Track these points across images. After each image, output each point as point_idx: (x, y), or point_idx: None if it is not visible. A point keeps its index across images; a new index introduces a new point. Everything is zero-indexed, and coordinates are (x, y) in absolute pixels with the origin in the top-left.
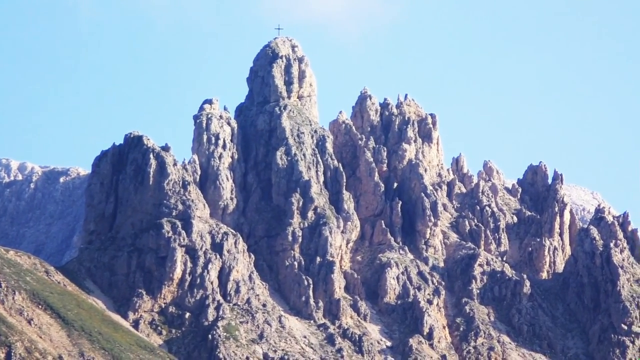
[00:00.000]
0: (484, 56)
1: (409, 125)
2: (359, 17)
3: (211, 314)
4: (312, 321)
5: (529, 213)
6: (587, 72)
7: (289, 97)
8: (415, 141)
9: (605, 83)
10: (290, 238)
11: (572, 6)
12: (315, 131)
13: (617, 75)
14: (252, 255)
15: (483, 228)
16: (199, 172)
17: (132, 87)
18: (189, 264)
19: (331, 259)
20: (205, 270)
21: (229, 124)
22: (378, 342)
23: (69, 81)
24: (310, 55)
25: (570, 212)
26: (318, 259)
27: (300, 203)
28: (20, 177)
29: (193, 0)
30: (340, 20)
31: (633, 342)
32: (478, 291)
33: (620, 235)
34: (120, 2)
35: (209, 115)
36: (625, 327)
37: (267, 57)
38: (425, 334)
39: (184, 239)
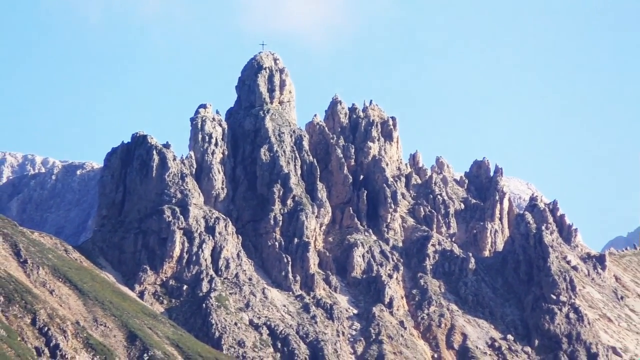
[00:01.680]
0: (436, 65)
1: (373, 127)
2: (326, 30)
3: (205, 286)
4: (290, 292)
5: (474, 201)
6: (521, 78)
7: (271, 103)
8: (378, 140)
9: (536, 87)
10: (272, 222)
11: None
12: (294, 131)
13: (547, 80)
14: (240, 237)
15: (435, 214)
16: (195, 166)
17: (138, 94)
18: (186, 244)
19: (307, 239)
20: (200, 249)
21: (220, 125)
22: (346, 310)
23: (86, 89)
24: (287, 64)
25: (509, 200)
26: (296, 239)
27: (281, 192)
28: (43, 170)
29: (183, 13)
30: (311, 32)
31: (560, 310)
32: (431, 267)
33: (551, 219)
34: (123, 18)
35: (204, 118)
36: (554, 297)
37: (253, 69)
38: (386, 303)
39: (182, 223)
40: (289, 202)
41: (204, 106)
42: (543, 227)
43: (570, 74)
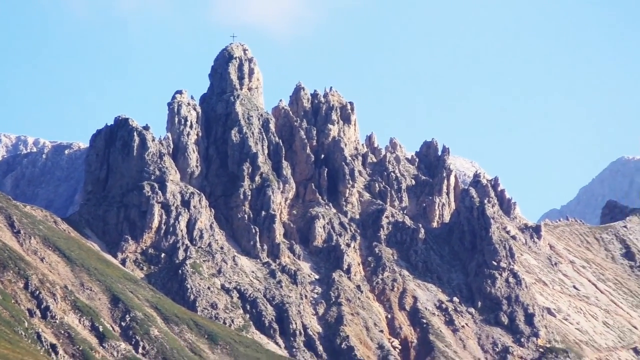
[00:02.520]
0: (391, 53)
1: (333, 111)
2: (290, 21)
3: (181, 254)
4: (258, 260)
5: (424, 177)
6: (465, 66)
7: (241, 89)
8: (337, 123)
9: (480, 75)
10: (242, 197)
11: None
12: (261, 115)
13: (488, 68)
14: (213, 210)
15: (389, 189)
16: (172, 146)
17: (120, 82)
18: (164, 216)
19: (273, 212)
20: (177, 221)
21: (194, 109)
22: (309, 276)
23: (75, 77)
24: (255, 54)
25: (455, 176)
26: (263, 212)
27: (250, 170)
28: (34, 150)
29: (160, 7)
30: (275, 23)
31: (501, 275)
32: (385, 237)
33: (492, 194)
34: (105, 12)
35: (180, 103)
36: (495, 263)
37: (224, 58)
38: (344, 269)
39: (160, 197)
40: (257, 178)
41: (180, 92)
42: (485, 201)
43: (509, 61)
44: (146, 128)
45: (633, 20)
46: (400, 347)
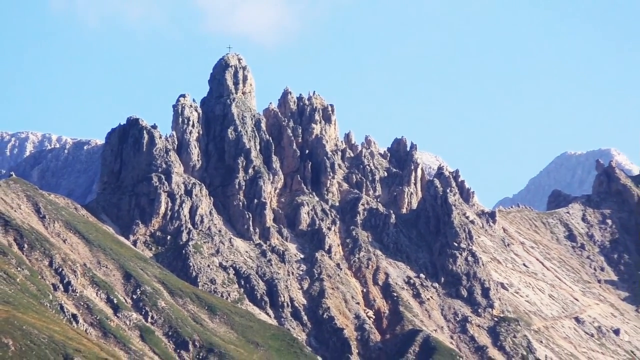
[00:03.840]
0: (367, 60)
1: (316, 112)
2: (275, 32)
3: (184, 236)
4: (251, 241)
5: (395, 170)
6: (432, 70)
7: (236, 93)
8: (320, 122)
9: (444, 78)
10: (237, 186)
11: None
12: (254, 116)
13: (455, 71)
14: (212, 198)
15: (364, 180)
16: (176, 143)
17: (132, 85)
18: (170, 204)
19: (264, 200)
20: (181, 208)
21: (196, 110)
22: (295, 255)
23: (93, 82)
24: (248, 62)
25: (421, 169)
26: (255, 200)
27: (244, 163)
28: (58, 146)
29: (161, 19)
30: (262, 34)
31: (461, 254)
32: (361, 221)
33: (454, 184)
34: (113, 21)
35: (183, 105)
36: (456, 244)
37: (222, 66)
38: (326, 249)
39: (166, 187)
40: (250, 171)
41: (183, 96)
42: (448, 191)
43: (467, 65)
44: (154, 127)
45: (576, 19)
46: (374, 317)
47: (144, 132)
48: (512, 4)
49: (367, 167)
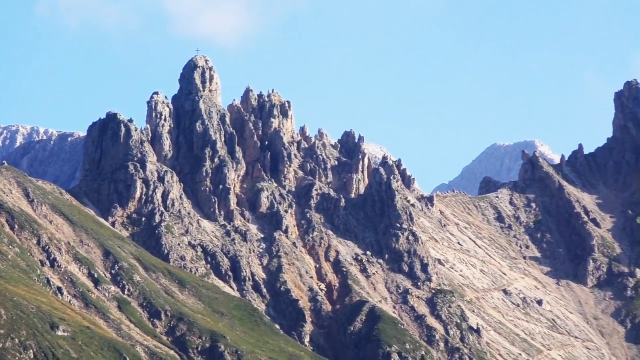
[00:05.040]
0: (319, 60)
1: (274, 108)
2: (237, 35)
3: (157, 218)
4: (216, 222)
5: (345, 159)
6: (378, 66)
7: (203, 91)
8: (278, 117)
9: (387, 75)
10: (204, 174)
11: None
12: (219, 111)
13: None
14: (182, 184)
15: (318, 168)
16: (150, 135)
17: (110, 83)
18: (144, 189)
19: (228, 186)
20: (154, 193)
21: (168, 106)
22: (256, 235)
23: (76, 80)
24: (214, 63)
25: (368, 158)
26: (220, 186)
27: (210, 153)
28: (45, 137)
29: (134, 22)
30: (224, 35)
31: (403, 234)
32: (314, 205)
33: (397, 172)
34: (93, 23)
35: (156, 101)
36: (399, 225)
37: (191, 67)
38: (283, 230)
39: (141, 174)
40: (216, 160)
41: (156, 93)
42: (391, 177)
43: (408, 62)
44: (130, 121)
45: (506, 14)
46: (325, 289)
47: (122, 125)
48: (447, 8)
49: (320, 156)
